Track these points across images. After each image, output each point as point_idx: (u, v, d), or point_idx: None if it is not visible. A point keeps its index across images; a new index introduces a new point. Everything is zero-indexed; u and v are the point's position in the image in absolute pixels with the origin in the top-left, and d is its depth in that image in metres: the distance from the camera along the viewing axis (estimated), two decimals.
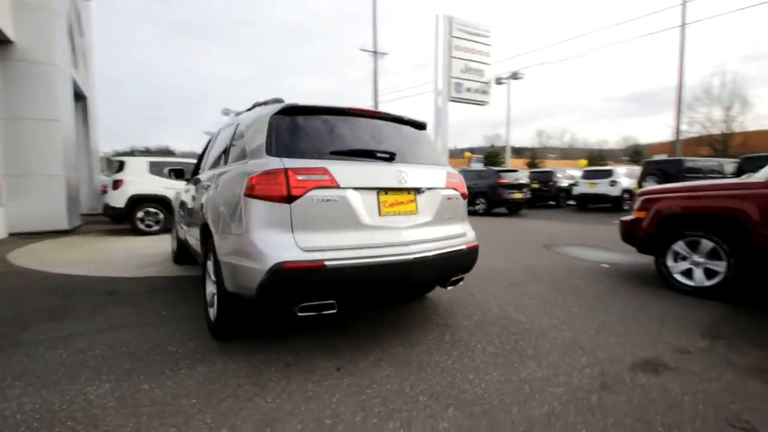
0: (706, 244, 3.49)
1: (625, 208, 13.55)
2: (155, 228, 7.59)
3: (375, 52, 28.03)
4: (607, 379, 2.10)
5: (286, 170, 2.13)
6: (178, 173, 4.36)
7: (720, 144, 28.19)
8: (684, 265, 3.67)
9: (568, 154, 61.58)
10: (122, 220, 7.46)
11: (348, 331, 2.76)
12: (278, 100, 2.67)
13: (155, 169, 7.66)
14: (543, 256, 5.63)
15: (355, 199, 2.24)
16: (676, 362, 2.29)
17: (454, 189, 2.76)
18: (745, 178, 3.69)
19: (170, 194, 7.35)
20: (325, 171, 2.19)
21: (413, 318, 3.03)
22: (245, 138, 2.56)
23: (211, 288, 2.81)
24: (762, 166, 8.56)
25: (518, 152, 57.64)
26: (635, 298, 3.52)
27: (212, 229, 2.47)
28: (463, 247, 2.66)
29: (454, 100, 19.39)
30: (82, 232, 8.22)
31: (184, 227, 4.00)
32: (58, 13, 7.88)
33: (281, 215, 2.11)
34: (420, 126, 2.92)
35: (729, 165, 11.50)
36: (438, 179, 2.64)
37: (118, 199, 7.28)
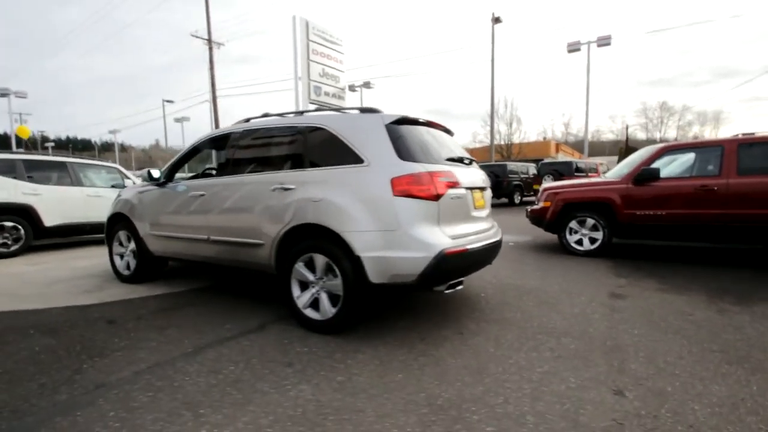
0: (590, 221, 5.35)
1: None
2: (14, 248, 5.64)
3: (210, 41, 25.82)
4: (609, 306, 3.33)
5: (431, 173, 2.56)
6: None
7: (505, 151, 37.33)
8: (576, 237, 5.48)
9: None
10: None
11: (415, 314, 3.27)
12: (373, 110, 2.94)
13: (8, 169, 5.68)
14: None
15: (468, 196, 2.84)
16: (624, 292, 3.73)
17: (489, 188, 3.59)
18: (606, 177, 5.75)
19: (34, 201, 5.75)
20: (451, 174, 2.71)
21: (455, 302, 3.72)
22: (349, 143, 2.75)
23: (297, 291, 2.87)
24: (557, 169, 12.37)
25: None
26: (556, 261, 5.10)
27: (338, 229, 2.57)
28: (501, 234, 3.52)
29: (313, 102, 19.80)
30: None
31: (185, 237, 3.54)
32: None
33: (432, 211, 2.54)
34: (452, 134, 3.60)
35: (531, 167, 15.86)
36: (487, 179, 3.42)
37: None
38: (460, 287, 2.76)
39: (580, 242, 5.45)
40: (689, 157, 4.96)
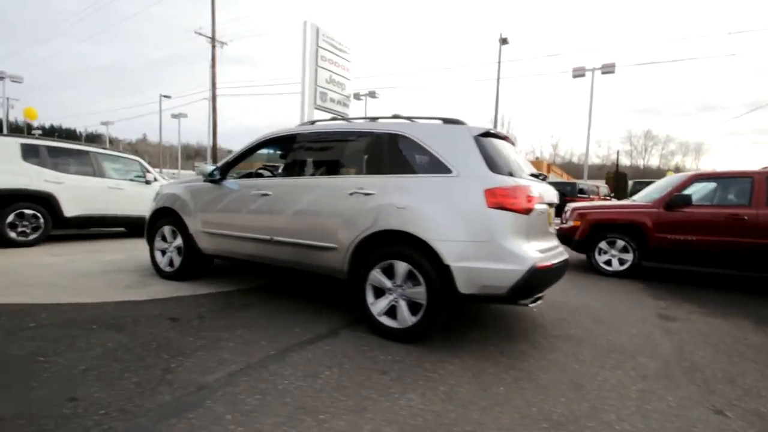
0: (620, 243, 5.47)
1: None
2: (33, 237, 5.39)
3: (213, 39, 25.68)
4: (663, 327, 3.39)
5: (522, 187, 2.59)
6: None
7: None
8: (605, 257, 5.59)
9: None
10: None
11: (481, 326, 3.27)
12: (458, 121, 2.96)
13: (32, 154, 5.46)
14: None
15: (546, 212, 2.87)
16: (670, 314, 3.82)
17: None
18: (634, 201, 5.90)
19: (56, 189, 5.56)
20: (536, 189, 2.74)
21: (516, 315, 3.73)
22: (435, 152, 2.76)
23: (371, 297, 2.84)
24: (560, 189, 12.27)
25: None
26: (588, 280, 5.18)
27: (427, 237, 2.55)
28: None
29: (319, 108, 19.84)
30: None
31: (243, 236, 3.47)
32: None
33: (522, 224, 2.56)
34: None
35: None
36: (557, 196, 3.45)
37: None
38: (540, 302, 2.78)
39: (609, 263, 5.56)
40: (719, 186, 5.15)
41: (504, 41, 19.56)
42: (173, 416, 1.75)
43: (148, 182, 6.77)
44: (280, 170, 3.83)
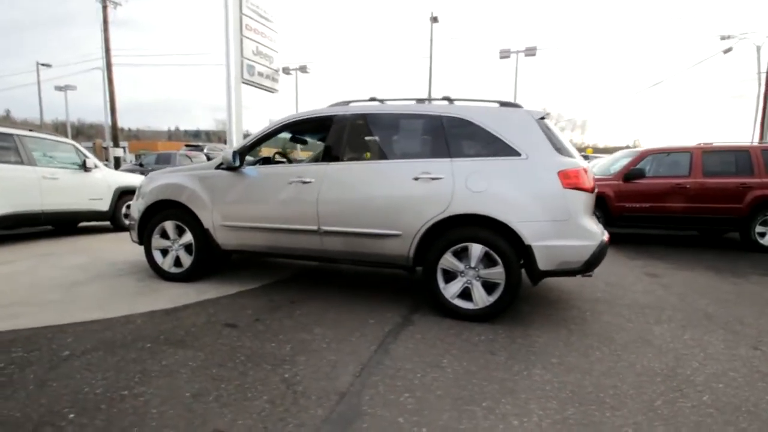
0: None
1: None
2: None
3: None
4: (658, 283, 3.98)
5: (586, 167, 2.79)
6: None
7: None
8: None
9: None
10: None
11: (522, 300, 3.51)
12: (515, 104, 3.01)
13: None
14: None
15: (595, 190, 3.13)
16: (653, 272, 4.48)
17: None
18: (594, 174, 6.62)
19: None
20: (590, 168, 2.96)
21: (540, 287, 4.01)
22: (501, 136, 2.81)
23: (442, 282, 2.87)
24: None
25: None
26: None
27: (507, 219, 2.61)
28: None
29: (246, 82, 18.21)
30: None
31: (281, 228, 3.17)
32: None
33: (589, 203, 2.78)
34: None
35: None
36: None
37: None
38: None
39: None
40: (666, 160, 6.05)
41: (435, 20, 19.94)
42: (345, 429, 1.62)
43: (87, 169, 5.72)
44: (318, 154, 3.54)
